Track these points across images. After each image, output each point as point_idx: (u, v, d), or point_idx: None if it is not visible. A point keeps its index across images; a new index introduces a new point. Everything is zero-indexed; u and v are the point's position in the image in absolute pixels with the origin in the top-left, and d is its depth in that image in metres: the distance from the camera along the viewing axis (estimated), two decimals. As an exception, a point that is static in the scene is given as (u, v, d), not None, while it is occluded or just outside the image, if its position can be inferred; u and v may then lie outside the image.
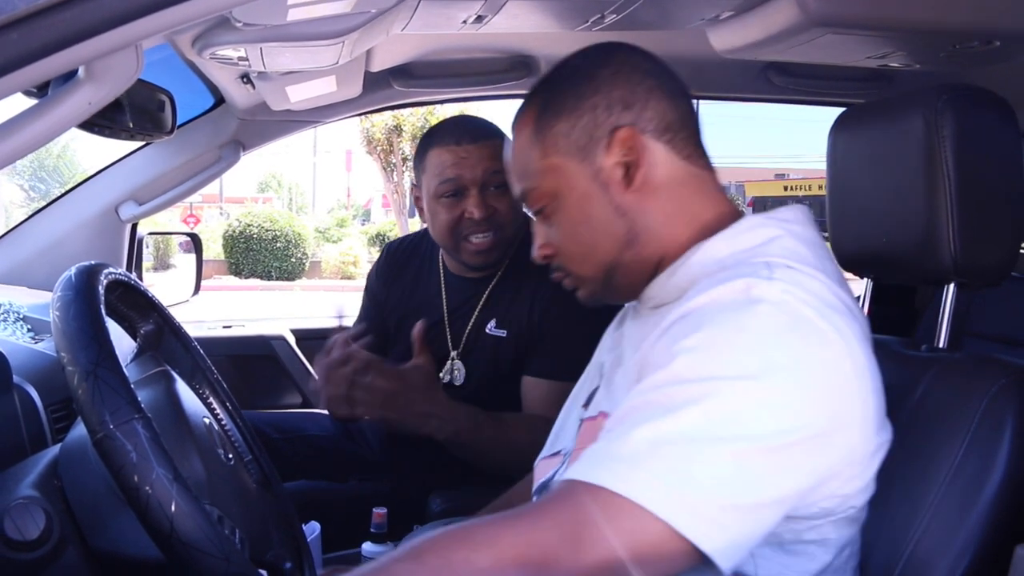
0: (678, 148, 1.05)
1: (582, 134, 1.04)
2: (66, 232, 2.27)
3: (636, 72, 1.05)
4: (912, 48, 1.86)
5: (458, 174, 1.83)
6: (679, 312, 0.92)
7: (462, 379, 1.95)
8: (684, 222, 1.05)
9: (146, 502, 0.87)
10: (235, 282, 16.59)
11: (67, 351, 0.92)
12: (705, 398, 0.82)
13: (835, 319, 0.89)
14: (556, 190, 1.07)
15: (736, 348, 0.85)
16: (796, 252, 0.96)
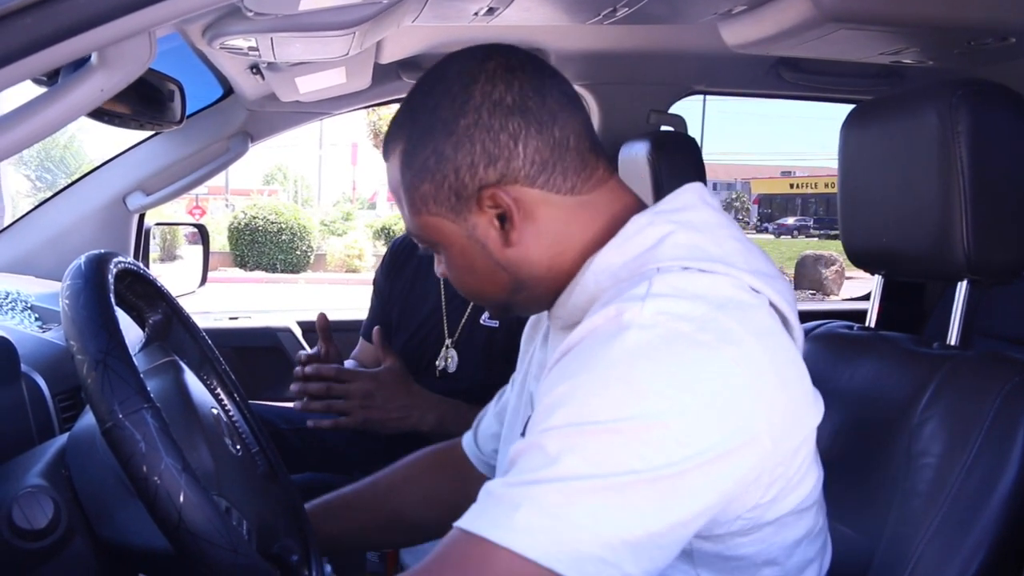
0: (557, 185, 0.96)
1: (448, 196, 0.97)
2: (73, 222, 2.27)
3: (497, 114, 0.94)
4: (926, 44, 1.85)
5: None
6: (563, 347, 0.89)
7: (455, 367, 2.00)
8: (575, 250, 0.99)
9: (154, 492, 0.87)
10: (240, 274, 16.61)
11: (76, 340, 0.92)
12: (582, 445, 0.79)
13: (723, 322, 0.84)
14: (435, 240, 1.02)
15: (609, 387, 0.81)
16: (692, 246, 0.92)
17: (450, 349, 2.02)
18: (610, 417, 0.79)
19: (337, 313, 2.84)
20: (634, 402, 0.79)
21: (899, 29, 1.79)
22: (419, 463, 1.44)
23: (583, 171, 0.97)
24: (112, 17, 0.73)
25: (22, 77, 0.76)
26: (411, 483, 1.41)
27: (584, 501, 0.77)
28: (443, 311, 2.04)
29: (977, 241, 1.12)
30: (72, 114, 0.84)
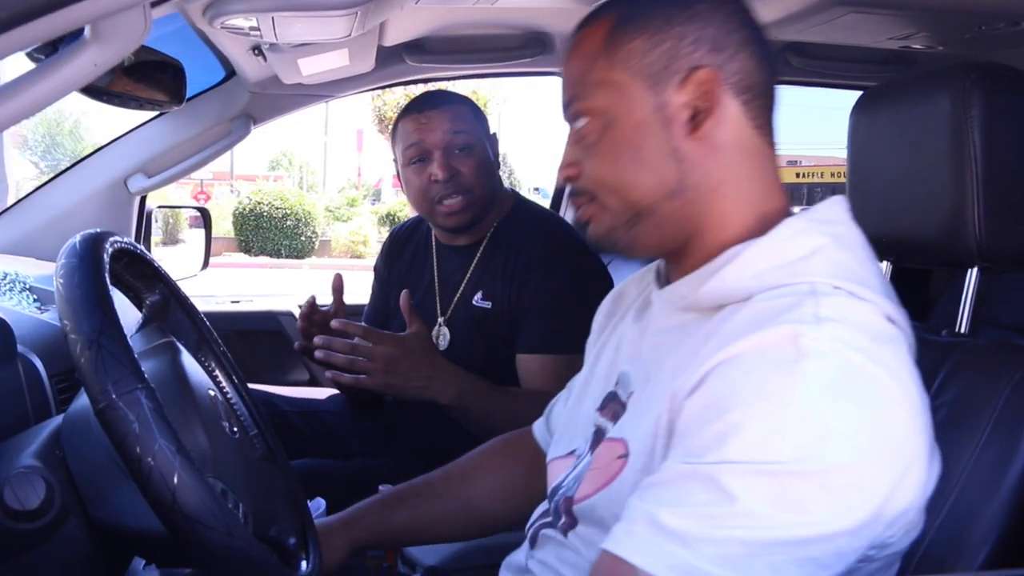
0: (753, 113, 0.95)
1: (659, 59, 0.93)
2: (75, 203, 2.26)
3: (735, 17, 0.95)
4: (936, 28, 1.82)
5: (420, 138, 1.92)
6: (721, 355, 0.83)
7: (446, 345, 2.01)
8: (736, 201, 0.96)
9: (148, 474, 0.86)
10: (244, 259, 16.61)
11: (70, 319, 0.90)
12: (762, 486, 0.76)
13: (885, 355, 0.82)
14: (609, 109, 0.96)
15: (791, 425, 0.77)
16: (842, 264, 0.89)
17: (442, 327, 2.02)
18: (792, 458, 0.76)
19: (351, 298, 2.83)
20: (816, 445, 0.77)
21: (909, 13, 1.77)
22: (490, 451, 1.42)
23: (770, 123, 0.98)
24: (105, -12, 0.71)
25: (14, 49, 0.74)
26: (483, 472, 1.39)
27: (765, 549, 0.75)
28: (436, 289, 2.06)
29: (989, 227, 1.11)
30: (65, 88, 0.82)
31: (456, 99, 2.00)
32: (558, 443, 1.17)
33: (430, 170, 1.91)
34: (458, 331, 2.00)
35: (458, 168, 1.91)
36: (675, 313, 0.99)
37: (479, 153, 1.94)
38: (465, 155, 1.92)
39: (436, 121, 1.92)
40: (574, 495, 1.02)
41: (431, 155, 1.91)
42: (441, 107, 1.94)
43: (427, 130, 1.92)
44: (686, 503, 0.77)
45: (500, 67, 2.46)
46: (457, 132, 1.91)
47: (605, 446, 1.00)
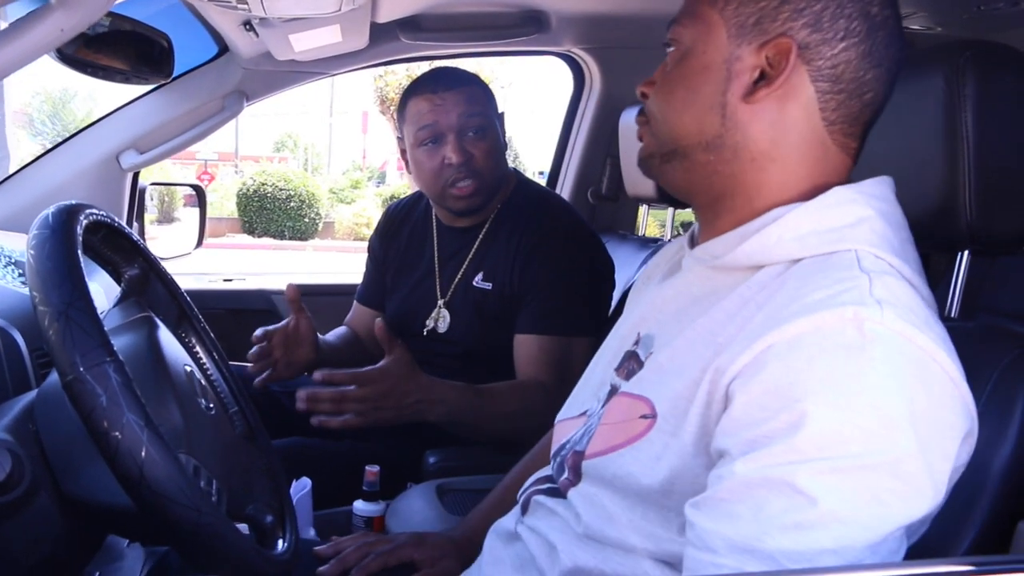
0: (830, 106, 0.92)
1: (753, 14, 0.92)
2: (66, 179, 2.25)
3: (858, 5, 0.90)
4: (935, 8, 1.80)
5: (434, 120, 1.88)
6: (776, 335, 0.81)
7: (446, 327, 1.99)
8: (775, 180, 0.94)
9: (115, 448, 0.84)
10: (248, 240, 16.58)
11: (39, 290, 0.89)
12: (839, 486, 0.75)
13: (938, 338, 0.81)
14: (691, 43, 0.96)
15: (861, 416, 0.75)
16: (884, 237, 0.88)
17: (442, 309, 2.00)
18: (863, 450, 0.75)
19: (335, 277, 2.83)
20: (885, 433, 0.75)
21: (907, -8, 1.74)
22: (546, 446, 1.36)
23: (849, 124, 0.94)
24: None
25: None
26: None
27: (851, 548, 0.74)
28: (436, 270, 2.04)
29: (979, 209, 1.08)
30: (30, 54, 0.80)
31: (470, 79, 1.96)
32: (569, 405, 1.16)
33: (443, 152, 1.88)
34: (457, 313, 1.99)
35: (471, 151, 1.88)
36: (707, 272, 0.98)
37: (492, 136, 1.92)
38: (478, 138, 1.89)
39: (451, 102, 1.88)
40: (584, 450, 1.00)
41: (445, 137, 1.88)
42: (457, 88, 1.89)
43: (442, 111, 1.87)
44: (766, 517, 0.76)
45: (495, 45, 2.44)
46: (472, 115, 1.88)
47: (619, 401, 0.98)
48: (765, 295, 0.88)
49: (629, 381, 1.00)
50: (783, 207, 0.92)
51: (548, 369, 1.83)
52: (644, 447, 0.91)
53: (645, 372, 0.98)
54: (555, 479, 1.08)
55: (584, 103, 2.73)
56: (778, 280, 0.88)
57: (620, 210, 2.78)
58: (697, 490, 0.85)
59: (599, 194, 2.74)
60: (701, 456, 0.86)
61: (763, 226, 0.92)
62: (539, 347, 1.84)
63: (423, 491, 1.70)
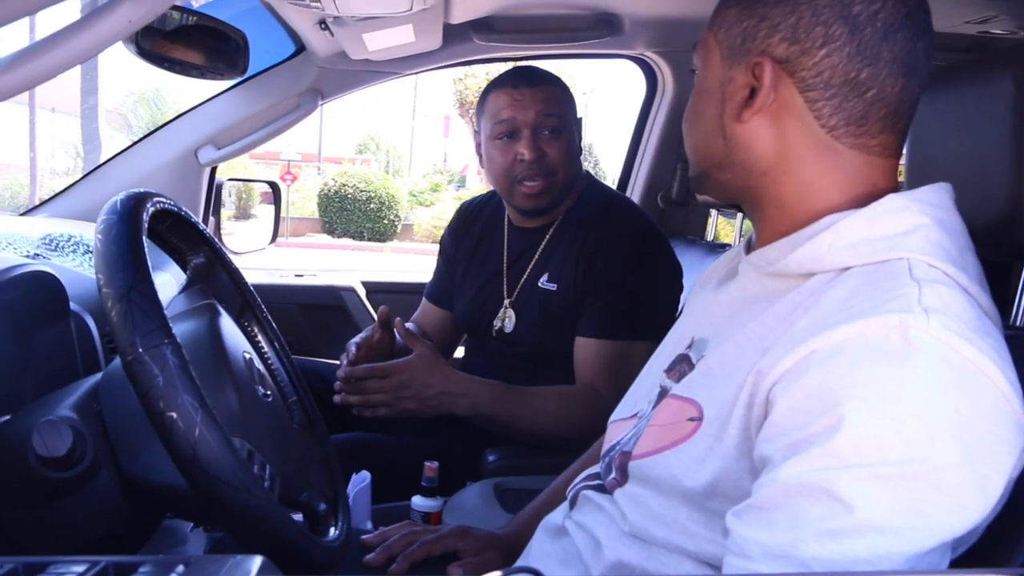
0: (821, 112, 0.92)
1: (739, 35, 0.94)
2: (146, 173, 2.32)
3: (834, 10, 0.90)
4: (1016, 11, 1.75)
5: (511, 115, 1.88)
6: (820, 340, 0.80)
7: (512, 327, 2.00)
8: (803, 184, 0.94)
9: (170, 427, 0.87)
10: (328, 240, 16.85)
11: (104, 273, 0.92)
12: (879, 492, 0.73)
13: (988, 348, 0.79)
14: (699, 68, 1.00)
15: (903, 423, 0.74)
16: (940, 246, 0.86)
17: (508, 309, 2.01)
18: (904, 457, 0.74)
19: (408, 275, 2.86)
20: (927, 443, 0.74)
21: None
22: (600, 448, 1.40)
23: (855, 124, 0.92)
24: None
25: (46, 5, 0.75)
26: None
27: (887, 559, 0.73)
28: (504, 270, 2.04)
29: (1049, 215, 1.05)
30: (100, 44, 0.83)
31: (551, 79, 1.95)
32: (622, 407, 1.17)
33: (517, 148, 1.89)
34: (523, 313, 1.99)
35: (545, 150, 1.89)
36: (760, 278, 0.98)
37: (567, 137, 1.92)
38: (554, 138, 1.89)
39: (530, 99, 1.88)
40: (632, 451, 1.00)
41: (520, 133, 1.89)
42: (537, 86, 1.90)
43: (520, 107, 1.88)
44: (803, 524, 0.75)
45: (568, 47, 2.44)
46: (549, 114, 1.88)
47: (669, 403, 0.98)
48: (813, 300, 0.87)
49: (680, 383, 0.99)
50: (837, 214, 0.91)
51: (605, 374, 1.82)
52: (688, 449, 0.91)
53: (695, 375, 0.98)
54: (603, 477, 1.08)
55: (656, 107, 2.72)
56: (827, 286, 0.88)
57: (690, 215, 2.76)
58: (740, 494, 0.84)
59: (669, 199, 2.73)
60: (744, 460, 0.85)
61: (815, 233, 0.91)
62: (598, 351, 1.84)
63: (481, 489, 1.71)
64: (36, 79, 0.82)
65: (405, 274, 2.82)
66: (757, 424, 0.84)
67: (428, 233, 18.00)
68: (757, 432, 0.83)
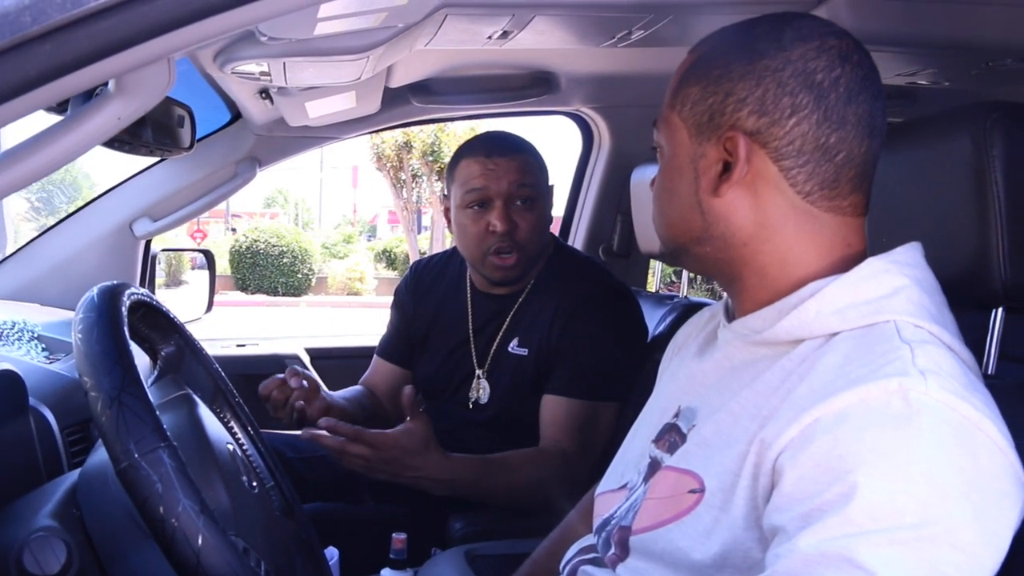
0: (795, 180, 0.93)
1: (705, 112, 0.95)
2: (79, 249, 2.24)
3: (798, 80, 0.91)
4: (944, 65, 1.82)
5: (484, 184, 1.86)
6: (822, 408, 0.81)
7: (487, 398, 1.96)
8: (783, 252, 0.95)
9: (172, 535, 0.84)
10: (241, 297, 16.58)
11: (90, 376, 0.89)
12: (898, 557, 0.74)
13: (982, 404, 0.81)
14: (665, 147, 1.01)
15: (913, 485, 0.76)
16: (921, 305, 0.89)
17: (481, 380, 1.98)
18: (918, 520, 0.74)
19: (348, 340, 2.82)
20: (939, 503, 0.75)
21: (917, 50, 1.76)
22: (583, 514, 1.36)
23: (828, 188, 0.94)
24: (133, 43, 0.70)
25: (38, 106, 0.73)
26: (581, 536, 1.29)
27: None
28: (471, 338, 2.01)
29: (1014, 267, 1.09)
30: (88, 143, 0.81)
31: (525, 147, 1.93)
32: (609, 477, 1.15)
33: (489, 219, 1.86)
34: (497, 382, 1.96)
35: (517, 222, 1.86)
36: (747, 346, 0.98)
37: (539, 208, 1.90)
38: (526, 208, 1.87)
39: (503, 169, 1.86)
40: (631, 525, 0.99)
41: (492, 203, 1.86)
42: (510, 155, 1.88)
43: (493, 177, 1.86)
44: None
45: (505, 106, 2.46)
46: (523, 184, 1.86)
47: (666, 475, 0.98)
48: (806, 367, 0.89)
49: (673, 455, 0.99)
50: (820, 281, 0.93)
51: (571, 434, 1.82)
52: (692, 522, 0.91)
53: (689, 446, 0.98)
54: (601, 553, 1.07)
55: (594, 161, 2.75)
56: (818, 352, 0.89)
57: (632, 267, 2.78)
58: (750, 564, 0.85)
59: (610, 250, 2.75)
60: (752, 530, 0.86)
61: (800, 301, 0.92)
62: (566, 410, 1.83)
63: (452, 558, 1.68)
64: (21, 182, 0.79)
65: (349, 338, 2.78)
66: (765, 494, 0.84)
67: (343, 285, 17.88)
68: (765, 502, 0.84)
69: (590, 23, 1.70)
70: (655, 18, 1.63)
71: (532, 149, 1.94)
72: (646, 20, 1.63)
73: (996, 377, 1.17)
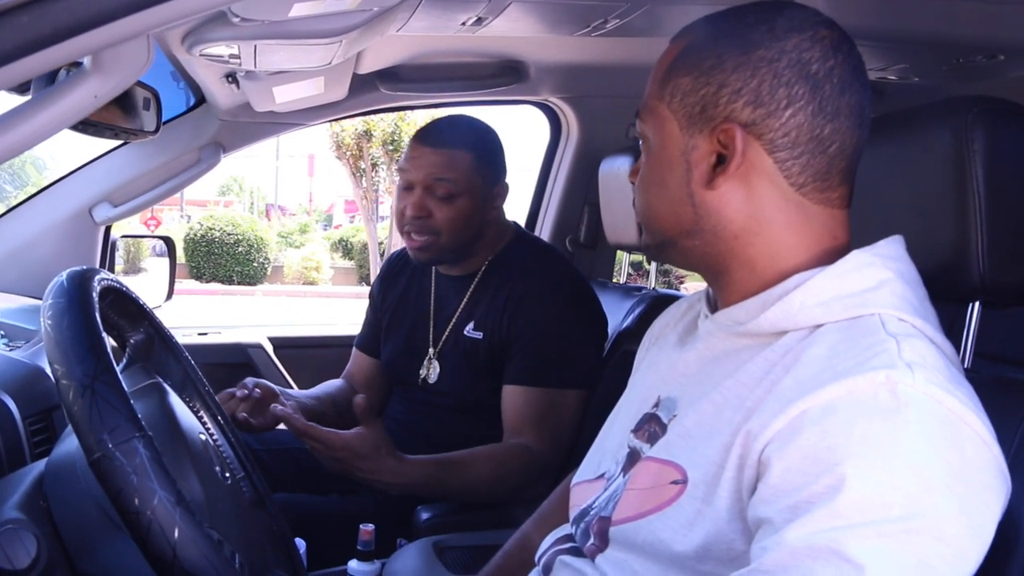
0: (790, 171, 0.92)
1: (697, 103, 0.94)
2: (37, 234, 2.18)
3: (794, 70, 0.90)
4: (914, 60, 1.84)
5: (407, 168, 1.91)
6: (809, 401, 0.81)
7: (436, 377, 1.98)
8: (772, 244, 0.95)
9: (147, 527, 0.81)
10: (196, 286, 16.36)
11: (61, 363, 0.86)
12: (886, 550, 0.74)
13: (966, 397, 0.82)
14: (652, 138, 0.99)
15: (899, 477, 0.76)
16: (905, 299, 0.90)
17: (433, 360, 1.99)
18: (905, 513, 0.74)
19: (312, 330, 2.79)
20: (925, 496, 0.75)
21: (888, 45, 1.77)
22: (557, 503, 1.34)
23: (821, 180, 0.94)
24: (113, 18, 0.67)
25: (13, 81, 0.70)
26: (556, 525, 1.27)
27: None
28: (430, 321, 2.02)
29: (992, 261, 1.09)
30: (64, 121, 0.78)
31: (458, 142, 1.91)
32: (585, 467, 1.14)
33: (407, 200, 1.90)
34: (447, 362, 1.97)
35: (432, 211, 1.88)
36: (729, 337, 0.98)
37: (460, 205, 1.88)
38: (444, 202, 1.87)
39: (426, 160, 1.88)
40: (611, 516, 0.98)
41: (413, 188, 1.90)
42: (439, 148, 1.88)
43: (415, 165, 1.88)
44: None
45: (474, 95, 2.45)
46: (440, 179, 1.86)
47: (647, 466, 0.97)
48: (791, 358, 0.88)
49: (654, 445, 0.98)
50: (805, 273, 0.92)
51: (533, 423, 1.81)
52: (674, 513, 0.90)
53: (671, 436, 0.97)
54: (579, 544, 1.06)
55: (561, 151, 2.74)
56: (803, 344, 0.89)
57: (598, 258, 2.78)
58: (733, 556, 0.84)
59: (577, 242, 2.75)
60: (736, 521, 0.85)
61: (785, 293, 0.92)
62: (526, 399, 1.83)
63: (420, 549, 1.66)
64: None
65: (312, 328, 2.74)
66: (750, 485, 0.84)
67: (299, 275, 17.71)
68: (750, 494, 0.84)
69: (565, 11, 1.68)
70: (631, 7, 1.62)
71: (473, 145, 1.92)
72: (622, 9, 1.63)
73: (974, 371, 1.18)
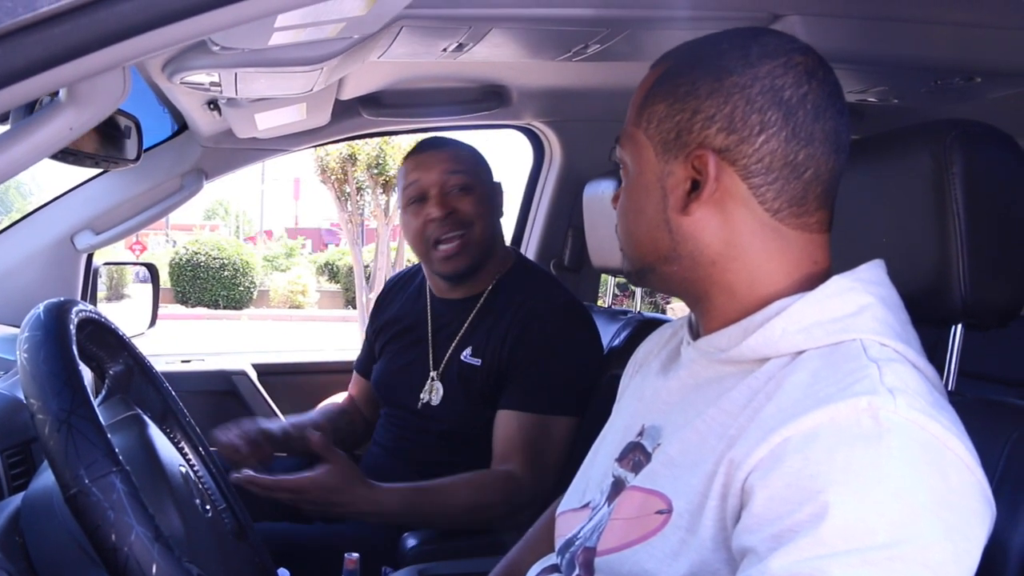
0: (764, 197, 0.92)
1: (672, 130, 0.94)
2: (18, 262, 2.16)
3: (767, 97, 0.91)
4: (894, 83, 1.85)
5: (417, 178, 1.91)
6: (792, 428, 0.81)
7: (439, 400, 1.96)
8: (750, 270, 0.95)
9: (124, 564, 0.80)
10: (182, 311, 16.31)
11: (37, 397, 0.85)
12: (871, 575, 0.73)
13: (949, 422, 0.81)
14: (630, 164, 0.99)
15: (883, 504, 0.75)
16: (886, 323, 0.89)
17: (435, 381, 1.97)
18: (890, 540, 0.74)
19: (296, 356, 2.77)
20: (910, 523, 0.75)
21: (868, 67, 1.78)
22: (544, 531, 1.33)
23: (796, 205, 0.93)
24: (88, 51, 0.67)
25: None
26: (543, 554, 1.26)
27: None
28: (429, 341, 2.01)
29: (973, 284, 1.09)
30: (40, 153, 0.77)
31: (456, 143, 1.98)
32: (570, 496, 1.13)
33: (427, 209, 1.89)
34: (450, 386, 1.96)
35: (455, 206, 1.89)
36: (711, 364, 0.97)
37: (479, 194, 1.92)
38: (463, 194, 1.90)
39: (433, 160, 1.91)
40: (596, 546, 0.97)
41: (428, 194, 1.89)
42: (440, 148, 1.93)
43: (424, 169, 1.90)
44: None
45: (456, 120, 2.45)
46: (455, 172, 1.89)
47: (631, 496, 0.96)
48: (773, 385, 0.88)
49: (639, 475, 0.98)
50: (785, 299, 0.92)
51: (523, 449, 1.80)
52: (659, 543, 0.89)
53: (655, 465, 0.96)
54: (565, 574, 1.05)
55: (544, 175, 2.74)
56: (785, 370, 0.89)
57: (582, 281, 2.78)
58: None
59: (561, 265, 2.75)
60: (720, 551, 0.84)
61: (766, 319, 0.92)
62: (519, 424, 1.82)
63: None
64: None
65: (297, 354, 2.73)
66: (734, 514, 0.83)
67: (285, 298, 17.66)
68: (734, 523, 0.83)
69: (546, 37, 1.69)
70: (611, 33, 1.62)
71: (466, 146, 1.98)
72: (602, 35, 1.63)
73: (957, 393, 1.18)
